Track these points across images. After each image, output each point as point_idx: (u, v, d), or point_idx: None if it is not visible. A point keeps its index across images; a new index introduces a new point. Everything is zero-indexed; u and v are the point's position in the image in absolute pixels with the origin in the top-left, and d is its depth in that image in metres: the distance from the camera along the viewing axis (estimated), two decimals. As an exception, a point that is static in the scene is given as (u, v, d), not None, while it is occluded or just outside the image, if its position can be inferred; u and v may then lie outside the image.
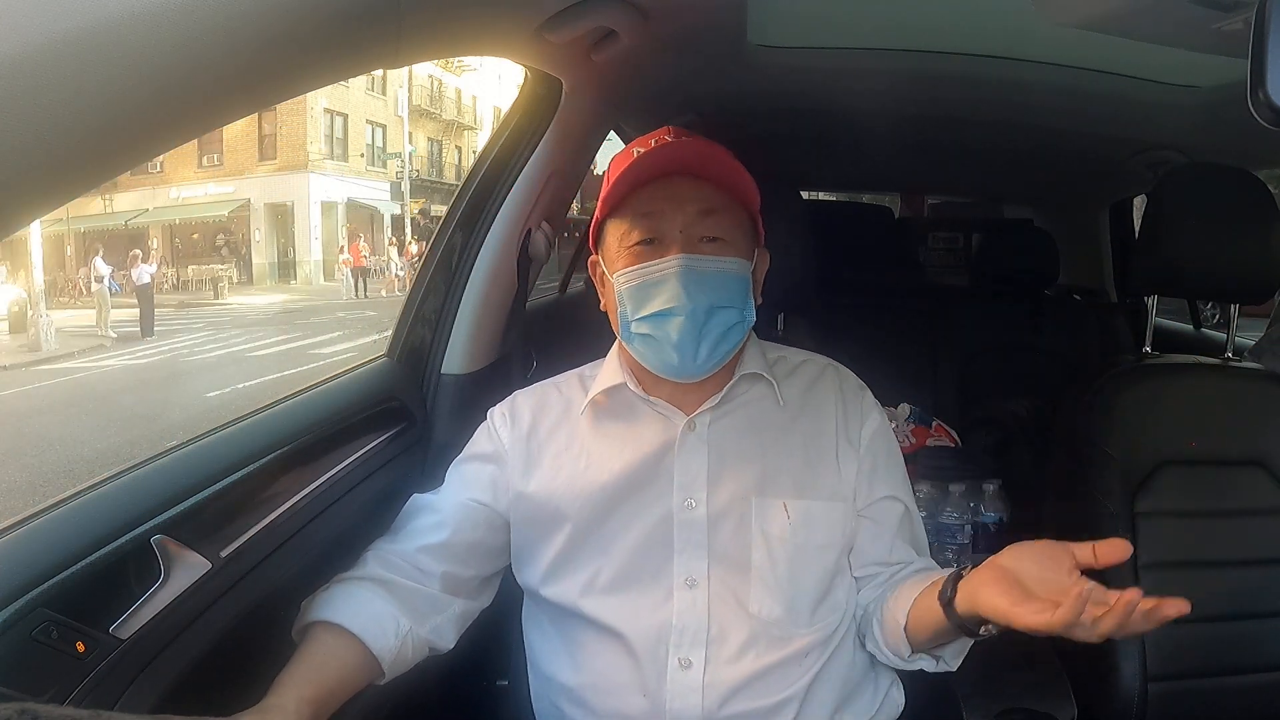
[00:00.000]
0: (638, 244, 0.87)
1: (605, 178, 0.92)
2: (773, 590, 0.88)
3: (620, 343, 0.93)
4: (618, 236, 0.89)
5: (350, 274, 17.87)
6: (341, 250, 18.94)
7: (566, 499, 0.92)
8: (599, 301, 0.96)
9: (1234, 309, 1.35)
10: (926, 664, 0.89)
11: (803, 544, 0.88)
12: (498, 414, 0.99)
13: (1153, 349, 1.37)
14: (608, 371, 0.95)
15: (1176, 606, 0.66)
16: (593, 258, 0.95)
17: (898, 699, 0.98)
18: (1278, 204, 1.23)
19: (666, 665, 0.87)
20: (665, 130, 0.93)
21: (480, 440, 0.98)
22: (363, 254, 18.08)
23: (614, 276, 0.89)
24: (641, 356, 0.89)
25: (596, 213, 0.92)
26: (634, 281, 0.87)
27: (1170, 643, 1.17)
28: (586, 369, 1.00)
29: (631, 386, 0.93)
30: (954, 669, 0.89)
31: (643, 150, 0.88)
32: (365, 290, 17.50)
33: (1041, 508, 1.35)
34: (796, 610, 0.88)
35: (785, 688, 0.87)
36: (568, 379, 1.00)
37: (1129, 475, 1.21)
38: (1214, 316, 4.02)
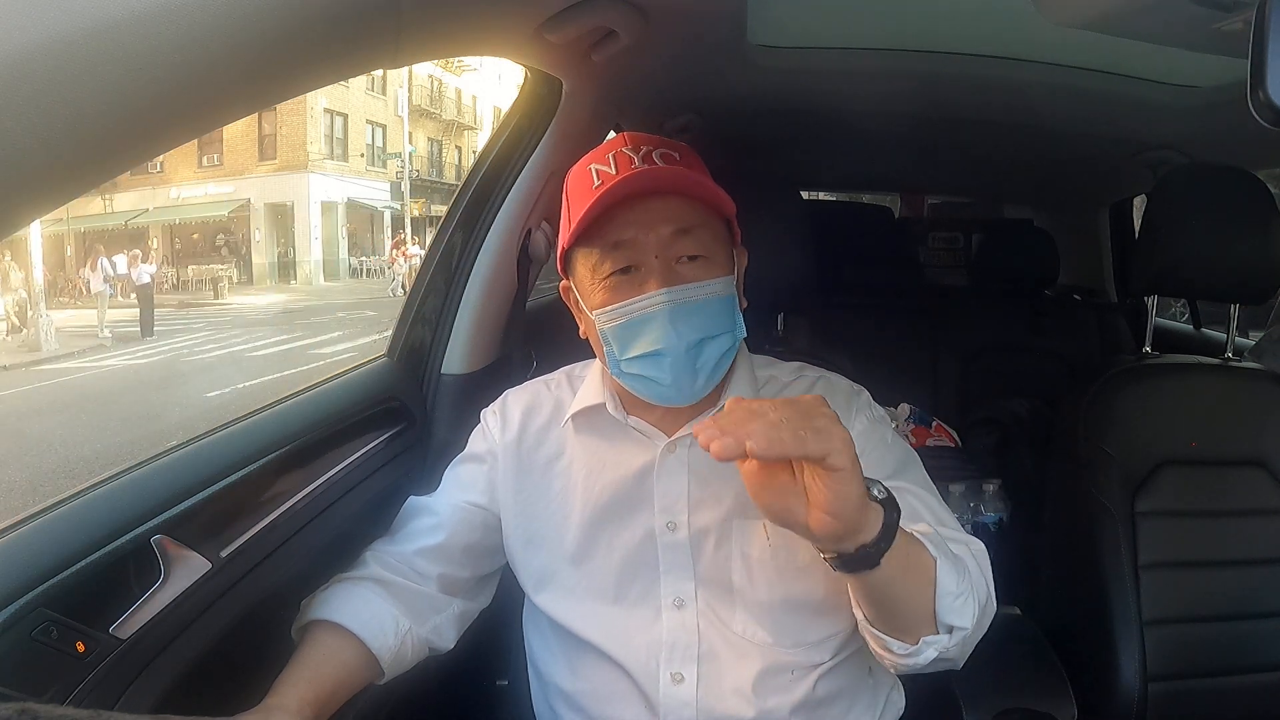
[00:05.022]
0: (612, 275, 0.82)
1: (564, 198, 0.87)
2: (755, 612, 0.87)
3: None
4: (589, 267, 0.83)
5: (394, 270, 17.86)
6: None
7: (551, 514, 0.92)
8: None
9: (1234, 309, 1.35)
10: (899, 648, 0.75)
11: (784, 565, 0.86)
12: (490, 414, 0.98)
13: (1153, 349, 1.37)
14: (590, 387, 0.93)
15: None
16: (564, 283, 0.90)
17: (898, 702, 0.97)
18: (1278, 204, 1.23)
19: (659, 680, 0.86)
20: (621, 139, 0.86)
21: (475, 441, 0.98)
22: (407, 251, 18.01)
23: (593, 314, 0.83)
24: (637, 392, 0.85)
25: (562, 240, 0.87)
26: (617, 321, 0.82)
27: (1170, 643, 1.17)
28: (577, 367, 1.00)
29: (611, 409, 0.90)
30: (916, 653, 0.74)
31: (599, 168, 0.83)
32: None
33: (1041, 508, 1.35)
34: (781, 631, 0.86)
35: (779, 702, 0.86)
36: (557, 378, 1.00)
37: (1129, 475, 1.21)
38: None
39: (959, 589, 0.73)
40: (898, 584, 0.70)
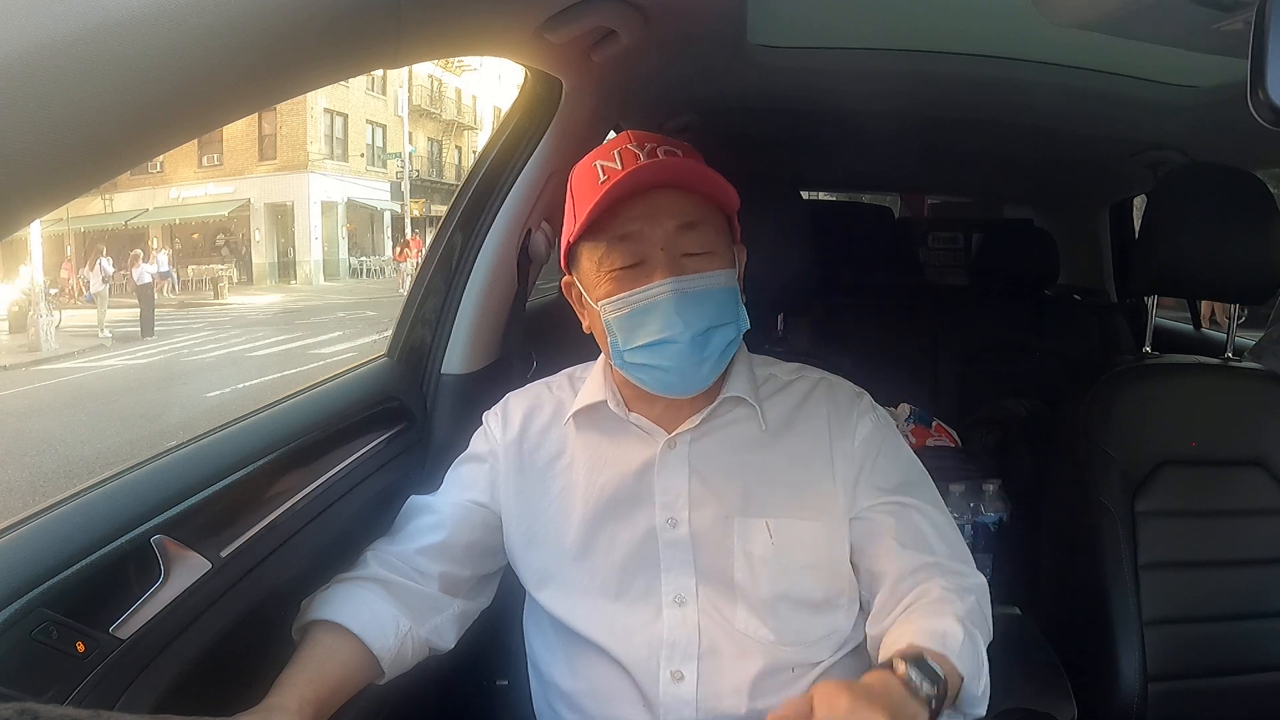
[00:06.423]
0: (619, 269, 0.83)
1: (569, 195, 0.88)
2: (757, 609, 0.87)
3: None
4: (594, 260, 0.84)
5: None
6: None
7: (553, 513, 0.92)
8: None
9: (1234, 309, 1.35)
10: None
11: (786, 563, 0.86)
12: (491, 416, 0.99)
13: (1153, 349, 1.37)
14: (592, 385, 0.94)
15: None
16: (566, 279, 0.90)
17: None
18: (1278, 204, 1.23)
19: (659, 678, 0.86)
20: (626, 137, 0.87)
21: (476, 442, 0.99)
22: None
23: (598, 305, 0.85)
24: (640, 382, 0.86)
25: (566, 235, 0.87)
26: (622, 311, 0.83)
27: (1170, 643, 1.17)
28: (578, 369, 1.00)
29: (612, 405, 0.91)
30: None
31: (605, 164, 0.84)
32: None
33: (1041, 508, 1.35)
34: (783, 628, 0.87)
35: (779, 700, 0.85)
36: (559, 379, 1.00)
37: (1129, 475, 1.21)
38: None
39: (978, 671, 0.79)
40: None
